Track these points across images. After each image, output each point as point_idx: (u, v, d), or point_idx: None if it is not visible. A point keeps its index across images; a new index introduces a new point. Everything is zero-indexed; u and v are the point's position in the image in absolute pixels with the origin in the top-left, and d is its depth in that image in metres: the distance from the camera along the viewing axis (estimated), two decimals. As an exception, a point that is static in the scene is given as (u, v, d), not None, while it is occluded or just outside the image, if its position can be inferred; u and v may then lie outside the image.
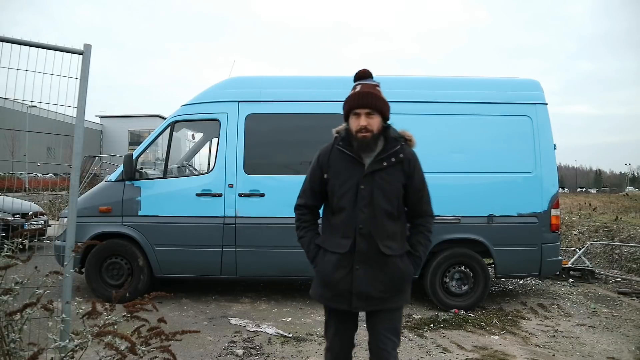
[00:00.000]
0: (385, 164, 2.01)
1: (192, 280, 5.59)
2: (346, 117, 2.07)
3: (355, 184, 2.01)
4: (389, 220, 2.02)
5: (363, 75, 2.09)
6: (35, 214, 8.20)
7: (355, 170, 2.03)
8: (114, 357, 1.84)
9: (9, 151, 19.51)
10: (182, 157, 6.15)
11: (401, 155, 2.02)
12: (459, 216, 4.86)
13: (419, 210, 2.11)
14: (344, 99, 2.07)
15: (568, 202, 19.21)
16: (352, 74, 2.12)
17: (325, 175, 2.08)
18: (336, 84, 4.81)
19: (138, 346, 1.81)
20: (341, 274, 2.01)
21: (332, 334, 2.12)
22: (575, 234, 10.13)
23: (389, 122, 2.08)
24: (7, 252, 2.03)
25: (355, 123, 1.99)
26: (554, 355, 3.69)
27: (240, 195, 4.86)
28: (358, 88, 2.03)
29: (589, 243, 8.20)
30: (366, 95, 1.99)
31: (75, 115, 2.70)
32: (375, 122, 1.98)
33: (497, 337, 4.08)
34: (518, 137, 4.99)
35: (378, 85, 2.06)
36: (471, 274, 4.87)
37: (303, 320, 4.43)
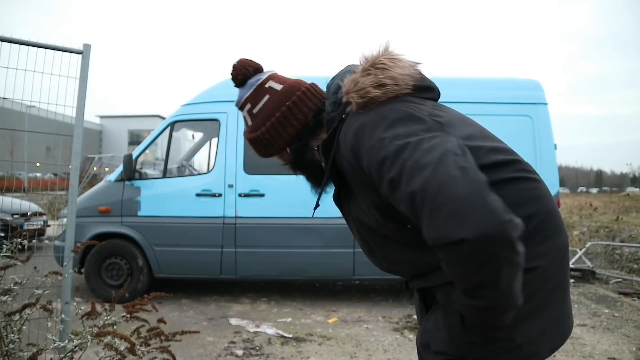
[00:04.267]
0: (337, 182, 1.15)
1: (192, 280, 5.58)
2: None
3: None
4: (404, 258, 1.13)
5: (239, 81, 1.29)
6: (35, 214, 8.18)
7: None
8: (113, 358, 1.83)
9: (8, 151, 19.50)
10: (181, 157, 6.15)
11: (334, 157, 1.09)
12: None
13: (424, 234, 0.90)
14: None
15: (569, 202, 19.21)
16: None
17: None
18: None
19: (137, 346, 1.80)
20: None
21: None
22: (576, 234, 10.12)
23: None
24: (6, 252, 2.02)
25: None
26: (554, 355, 3.68)
27: (240, 195, 4.85)
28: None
29: (589, 243, 8.18)
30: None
31: (74, 115, 2.70)
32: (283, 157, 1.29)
33: (497, 337, 4.06)
34: (518, 137, 4.97)
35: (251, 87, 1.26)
36: (471, 274, 4.86)
37: (303, 321, 4.43)
